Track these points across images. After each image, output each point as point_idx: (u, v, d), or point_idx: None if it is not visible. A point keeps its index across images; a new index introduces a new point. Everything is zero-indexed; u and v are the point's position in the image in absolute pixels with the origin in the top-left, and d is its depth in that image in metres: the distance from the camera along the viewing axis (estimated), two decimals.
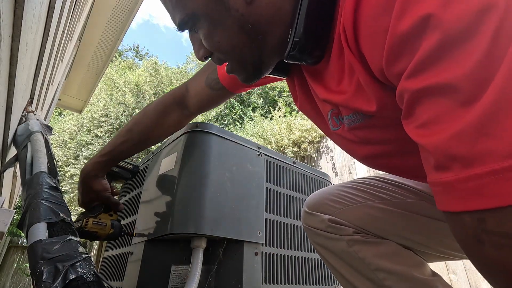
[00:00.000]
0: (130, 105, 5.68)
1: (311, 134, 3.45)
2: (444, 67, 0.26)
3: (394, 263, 0.57)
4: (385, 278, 0.56)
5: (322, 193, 0.71)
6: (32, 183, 0.57)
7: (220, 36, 0.45)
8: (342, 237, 0.62)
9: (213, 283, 0.77)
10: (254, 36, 0.44)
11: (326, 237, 0.65)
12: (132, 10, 2.63)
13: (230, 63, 0.50)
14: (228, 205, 0.80)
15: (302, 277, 0.92)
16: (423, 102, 0.28)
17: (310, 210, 0.69)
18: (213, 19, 0.43)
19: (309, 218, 0.69)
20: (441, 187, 0.27)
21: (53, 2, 0.77)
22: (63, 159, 5.50)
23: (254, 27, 0.43)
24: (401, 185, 0.65)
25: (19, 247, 6.59)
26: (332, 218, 0.64)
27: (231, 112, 5.94)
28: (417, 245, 0.61)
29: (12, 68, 0.56)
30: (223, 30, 0.44)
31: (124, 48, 13.78)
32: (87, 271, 0.42)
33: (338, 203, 0.66)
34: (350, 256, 0.61)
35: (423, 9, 0.27)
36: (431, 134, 0.27)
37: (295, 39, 0.40)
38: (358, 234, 0.62)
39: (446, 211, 0.27)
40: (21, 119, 0.83)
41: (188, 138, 0.85)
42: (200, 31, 0.46)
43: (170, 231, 0.71)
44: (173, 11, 0.46)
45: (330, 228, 0.64)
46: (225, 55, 0.48)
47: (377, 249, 0.60)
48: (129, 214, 1.02)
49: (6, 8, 0.42)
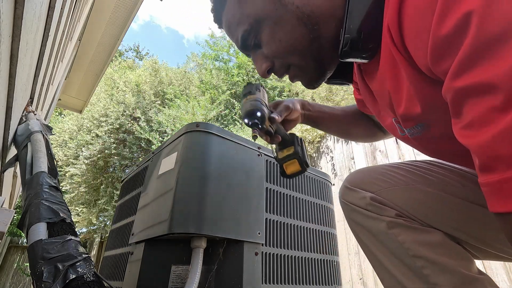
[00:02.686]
0: (130, 105, 5.67)
1: (311, 134, 3.45)
2: (484, 66, 0.26)
3: (437, 253, 0.53)
4: (424, 266, 0.52)
5: (367, 170, 0.68)
6: (32, 183, 0.57)
7: (281, 33, 0.47)
8: (383, 218, 0.58)
9: (213, 283, 0.77)
10: (311, 26, 0.46)
11: (364, 215, 0.61)
12: (132, 10, 2.63)
13: (292, 67, 0.52)
14: (228, 205, 0.80)
15: (302, 277, 0.92)
16: (467, 102, 0.28)
17: (351, 186, 0.65)
18: (272, 18, 0.46)
19: (349, 194, 0.65)
20: (488, 187, 0.27)
21: (53, 2, 0.77)
22: (63, 159, 5.50)
23: (309, 18, 0.45)
24: (458, 171, 0.60)
25: (19, 247, 6.59)
26: (374, 196, 0.61)
27: (231, 112, 5.94)
28: (471, 239, 0.56)
29: (12, 68, 0.56)
30: (283, 26, 0.46)
31: (124, 48, 13.78)
32: (87, 271, 0.42)
33: (383, 182, 0.62)
34: (388, 238, 0.57)
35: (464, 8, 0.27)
36: (474, 135, 0.27)
37: (346, 35, 0.42)
38: (401, 217, 0.58)
39: (495, 212, 0.27)
40: (21, 119, 0.83)
41: (188, 138, 0.85)
42: (263, 37, 0.49)
43: (170, 231, 0.71)
44: (236, 27, 0.50)
45: (371, 206, 0.60)
46: (287, 55, 0.49)
47: (420, 236, 0.55)
48: (129, 214, 1.02)
49: (6, 8, 0.42)
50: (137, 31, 67.55)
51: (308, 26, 0.46)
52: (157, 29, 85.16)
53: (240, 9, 0.49)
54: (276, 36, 0.48)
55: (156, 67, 6.91)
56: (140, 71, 6.99)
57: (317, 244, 1.03)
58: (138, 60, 13.11)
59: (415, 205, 0.57)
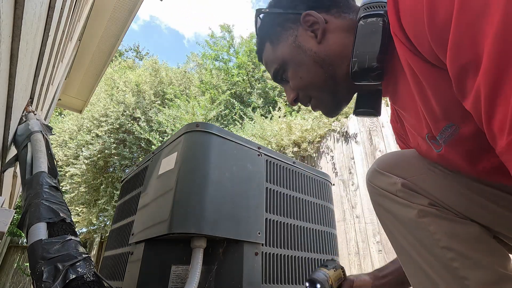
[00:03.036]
0: (130, 105, 5.67)
1: (311, 134, 3.45)
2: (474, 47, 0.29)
3: (471, 247, 0.51)
4: (454, 259, 0.51)
5: (399, 154, 0.66)
6: (32, 183, 0.57)
7: (302, 72, 0.59)
8: (414, 205, 0.57)
9: (213, 283, 0.77)
10: (325, 67, 0.57)
11: (393, 200, 0.60)
12: (132, 10, 2.63)
13: (313, 98, 0.62)
14: (228, 205, 0.80)
15: (302, 277, 0.92)
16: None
17: (381, 170, 0.64)
18: (295, 61, 0.59)
19: (378, 178, 0.64)
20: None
21: (53, 2, 0.77)
22: (63, 159, 5.49)
23: (324, 60, 0.57)
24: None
25: (19, 247, 6.59)
26: (406, 183, 0.59)
27: (231, 112, 5.94)
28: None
29: (12, 68, 0.56)
30: (303, 66, 0.59)
31: (124, 48, 13.78)
32: (87, 271, 0.42)
33: (416, 168, 0.60)
34: (417, 227, 0.56)
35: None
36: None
37: (353, 59, 0.50)
38: (434, 206, 0.56)
39: None
40: (21, 119, 0.83)
41: (188, 138, 0.85)
42: (289, 74, 0.62)
43: (170, 231, 0.71)
44: (271, 64, 0.64)
45: (402, 193, 0.59)
46: (307, 89, 0.61)
47: (454, 228, 0.53)
48: (129, 214, 1.02)
49: (6, 8, 0.42)
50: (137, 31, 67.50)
51: (323, 67, 0.57)
52: (157, 29, 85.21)
53: (273, 52, 0.63)
54: (298, 74, 0.60)
55: (156, 67, 6.91)
56: (140, 71, 6.98)
57: (317, 244, 1.03)
58: (138, 60, 13.11)
59: (451, 195, 0.55)
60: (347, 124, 3.09)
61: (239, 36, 7.40)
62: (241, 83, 6.66)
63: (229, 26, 7.03)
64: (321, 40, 0.56)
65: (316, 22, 0.57)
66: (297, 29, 0.59)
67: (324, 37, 0.56)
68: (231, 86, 6.61)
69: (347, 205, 2.77)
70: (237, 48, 7.01)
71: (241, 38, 7.09)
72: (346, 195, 2.82)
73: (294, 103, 0.64)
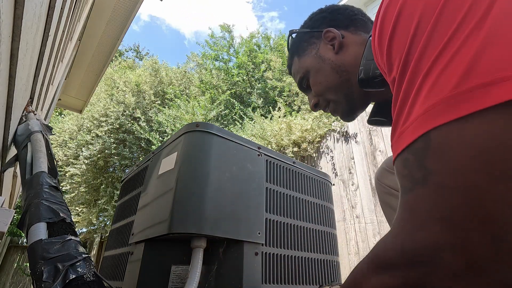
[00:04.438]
0: (130, 105, 5.67)
1: (311, 134, 3.45)
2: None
3: None
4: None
5: None
6: (32, 183, 0.57)
7: (321, 78, 0.68)
8: None
9: (213, 283, 0.77)
10: (341, 73, 0.65)
11: None
12: (132, 10, 2.63)
13: (331, 103, 0.70)
14: (228, 205, 0.80)
15: (302, 277, 0.92)
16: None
17: (390, 169, 0.70)
18: (315, 69, 0.69)
19: (387, 176, 0.70)
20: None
21: (53, 2, 0.77)
22: (63, 159, 5.50)
23: (340, 67, 0.65)
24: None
25: (19, 247, 6.59)
26: None
27: (231, 112, 5.94)
28: None
29: (12, 68, 0.56)
30: (321, 72, 0.68)
31: (124, 48, 13.79)
32: (87, 271, 0.42)
33: None
34: None
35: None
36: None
37: (360, 68, 0.55)
38: None
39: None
40: (21, 119, 0.83)
41: (188, 138, 0.85)
42: (310, 81, 0.71)
43: (170, 231, 0.71)
44: (297, 74, 0.75)
45: None
46: (326, 93, 0.69)
47: None
48: (129, 214, 1.02)
49: (6, 8, 0.42)
50: (137, 31, 67.53)
51: (339, 73, 0.65)
52: (158, 29, 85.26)
53: (299, 63, 0.73)
54: (317, 80, 0.69)
55: (156, 67, 6.91)
56: (140, 71, 6.98)
57: (317, 244, 1.03)
58: (138, 60, 13.12)
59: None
60: (347, 124, 3.09)
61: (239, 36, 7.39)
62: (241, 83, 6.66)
63: (229, 26, 7.03)
64: (338, 51, 0.65)
65: (335, 37, 0.66)
66: (320, 43, 0.69)
67: (341, 49, 0.66)
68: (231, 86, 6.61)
69: (347, 205, 2.77)
70: (237, 48, 7.01)
71: (241, 38, 7.10)
72: (346, 195, 2.82)
73: (315, 109, 0.73)
